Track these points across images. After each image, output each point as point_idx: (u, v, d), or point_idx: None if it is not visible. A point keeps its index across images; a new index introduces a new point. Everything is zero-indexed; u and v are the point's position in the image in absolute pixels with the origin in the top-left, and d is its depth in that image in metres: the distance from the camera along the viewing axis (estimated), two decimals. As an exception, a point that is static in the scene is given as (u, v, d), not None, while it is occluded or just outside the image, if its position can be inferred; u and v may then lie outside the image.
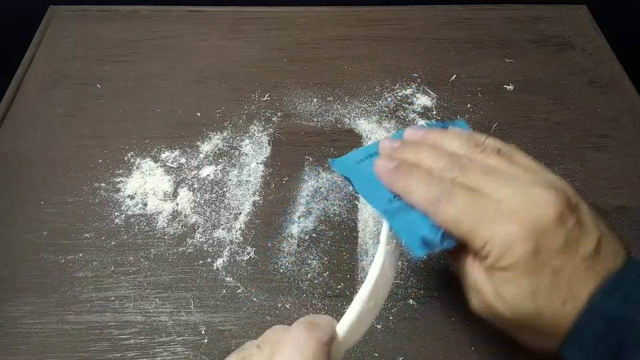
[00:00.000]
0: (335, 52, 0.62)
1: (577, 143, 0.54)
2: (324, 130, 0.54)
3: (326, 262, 0.44)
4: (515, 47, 0.63)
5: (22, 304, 0.42)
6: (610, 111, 0.57)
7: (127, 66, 0.60)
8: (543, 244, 0.28)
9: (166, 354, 0.39)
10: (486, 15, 0.67)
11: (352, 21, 0.66)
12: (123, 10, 0.67)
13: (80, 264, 0.44)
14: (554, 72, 0.61)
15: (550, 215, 0.28)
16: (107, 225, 0.46)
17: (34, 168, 0.51)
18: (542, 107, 0.57)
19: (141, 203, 0.48)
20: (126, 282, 0.43)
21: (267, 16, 0.67)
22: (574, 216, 0.29)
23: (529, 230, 0.28)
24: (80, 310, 0.41)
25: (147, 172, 0.50)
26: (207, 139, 0.53)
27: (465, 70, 0.60)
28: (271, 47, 0.63)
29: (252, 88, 0.58)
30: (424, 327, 0.41)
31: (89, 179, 0.50)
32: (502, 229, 0.28)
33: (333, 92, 0.58)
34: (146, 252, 0.45)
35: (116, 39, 0.63)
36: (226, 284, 0.43)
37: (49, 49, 0.62)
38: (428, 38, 0.64)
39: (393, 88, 0.58)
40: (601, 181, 0.51)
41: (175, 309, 0.42)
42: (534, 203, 0.29)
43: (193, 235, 0.46)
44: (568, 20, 0.67)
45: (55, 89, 0.58)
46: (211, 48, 0.63)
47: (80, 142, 0.53)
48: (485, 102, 0.57)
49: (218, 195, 0.49)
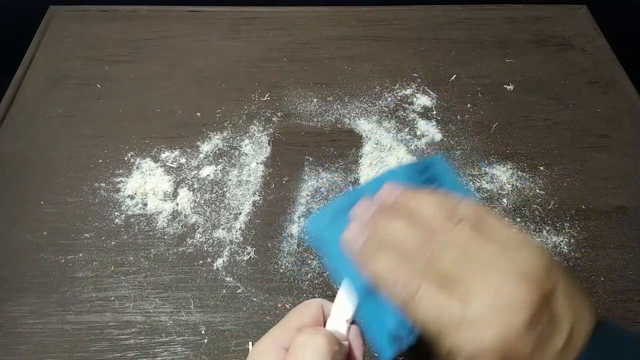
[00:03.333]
0: (335, 52, 0.62)
1: (577, 143, 0.54)
2: (324, 130, 0.54)
3: (326, 262, 0.44)
4: (515, 47, 0.63)
5: (22, 304, 0.42)
6: (610, 111, 0.57)
7: (127, 66, 0.60)
8: (511, 353, 0.27)
9: (166, 354, 0.39)
10: (486, 15, 0.67)
11: (352, 21, 0.66)
12: (123, 10, 0.67)
13: (80, 264, 0.44)
14: (554, 72, 0.61)
15: (520, 321, 0.27)
16: (107, 225, 0.46)
17: (34, 168, 0.51)
18: (542, 107, 0.57)
19: (141, 203, 0.48)
20: (126, 282, 0.43)
21: (267, 16, 0.67)
22: (547, 314, 0.28)
23: (496, 342, 0.27)
24: (80, 310, 0.41)
25: (147, 172, 0.50)
26: (207, 139, 0.53)
27: (465, 70, 0.60)
28: (271, 47, 0.63)
29: (252, 88, 0.58)
30: (424, 327, 0.41)
31: (89, 179, 0.50)
32: (467, 340, 0.27)
33: (333, 92, 0.58)
34: (146, 252, 0.45)
35: (116, 39, 0.63)
36: (226, 284, 0.43)
37: (49, 49, 0.62)
38: (428, 38, 0.64)
39: (393, 88, 0.58)
40: (601, 181, 0.51)
41: (175, 309, 0.42)
42: (504, 304, 0.27)
43: (193, 235, 0.46)
44: (568, 20, 0.67)
45: (55, 89, 0.58)
46: (211, 48, 0.63)
47: (80, 142, 0.53)
48: (485, 102, 0.57)
49: (218, 195, 0.49)
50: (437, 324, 0.28)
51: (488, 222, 0.31)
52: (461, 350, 0.27)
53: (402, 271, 0.30)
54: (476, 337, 0.27)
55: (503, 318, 0.27)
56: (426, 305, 0.28)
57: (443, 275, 0.29)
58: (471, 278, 0.29)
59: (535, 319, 0.27)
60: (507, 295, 0.28)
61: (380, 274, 0.30)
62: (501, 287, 0.28)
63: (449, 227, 0.31)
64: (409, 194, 0.34)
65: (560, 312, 0.28)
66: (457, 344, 0.28)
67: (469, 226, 0.31)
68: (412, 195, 0.34)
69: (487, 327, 0.27)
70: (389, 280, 0.30)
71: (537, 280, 0.28)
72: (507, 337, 0.27)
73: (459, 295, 0.28)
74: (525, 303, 0.27)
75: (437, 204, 0.32)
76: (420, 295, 0.29)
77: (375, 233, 0.32)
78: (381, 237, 0.31)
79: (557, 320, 0.28)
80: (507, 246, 0.30)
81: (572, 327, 0.28)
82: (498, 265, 0.29)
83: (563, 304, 0.29)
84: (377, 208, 0.34)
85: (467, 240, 0.30)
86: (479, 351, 0.27)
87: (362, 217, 0.33)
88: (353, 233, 0.32)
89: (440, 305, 0.28)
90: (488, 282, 0.28)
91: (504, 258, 0.29)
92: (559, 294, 0.29)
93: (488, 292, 0.28)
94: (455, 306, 0.28)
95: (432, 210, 0.32)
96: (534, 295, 0.28)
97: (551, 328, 0.28)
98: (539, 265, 0.29)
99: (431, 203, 0.32)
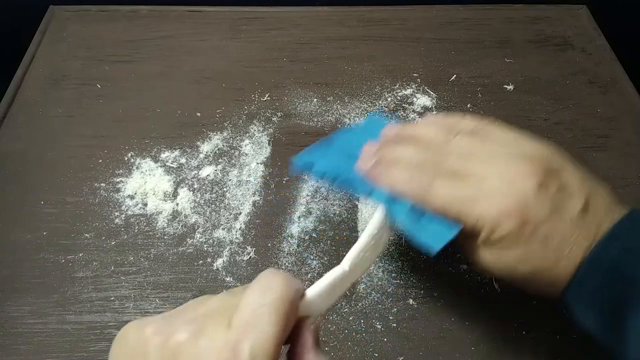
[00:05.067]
0: (335, 52, 0.62)
1: (577, 143, 0.54)
2: (324, 130, 0.54)
3: (326, 262, 0.44)
4: (515, 47, 0.63)
5: (22, 304, 0.42)
6: (610, 111, 0.57)
7: (127, 66, 0.60)
8: (529, 216, 0.29)
9: (166, 354, 0.39)
10: (486, 15, 0.67)
11: (352, 21, 0.66)
12: (123, 10, 0.67)
13: (80, 264, 0.44)
14: (554, 72, 0.61)
15: (530, 187, 0.29)
16: (107, 225, 0.46)
17: (34, 168, 0.51)
18: (542, 107, 0.57)
19: (141, 203, 0.48)
20: (126, 282, 0.43)
21: (267, 16, 0.67)
22: (556, 182, 0.30)
23: (513, 205, 0.29)
24: (80, 310, 0.41)
25: (147, 172, 0.50)
26: (207, 139, 0.53)
27: (465, 70, 0.60)
28: (271, 47, 0.63)
29: (252, 88, 0.58)
30: (424, 327, 0.41)
31: (89, 179, 0.50)
32: (487, 209, 0.30)
33: (333, 92, 0.58)
34: (146, 252, 0.45)
35: (116, 39, 0.63)
36: (226, 284, 0.43)
37: (49, 49, 0.62)
38: (428, 38, 0.64)
39: (393, 88, 0.58)
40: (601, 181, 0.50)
41: (175, 309, 0.42)
42: (512, 179, 0.30)
43: (193, 235, 0.46)
44: (568, 20, 0.67)
45: (55, 89, 0.58)
46: (211, 48, 0.63)
47: (80, 142, 0.53)
48: (485, 102, 0.57)
49: (218, 195, 0.49)
50: (456, 205, 0.31)
51: (488, 130, 0.34)
52: (484, 219, 0.30)
53: (415, 170, 0.33)
54: (494, 204, 0.30)
55: (513, 187, 0.30)
56: (442, 193, 0.31)
57: (451, 165, 0.32)
58: (478, 167, 0.31)
59: (544, 186, 0.30)
60: (512, 169, 0.30)
61: (396, 180, 0.33)
62: (507, 165, 0.31)
63: (451, 137, 0.34)
64: (409, 126, 0.37)
65: (570, 183, 0.31)
66: (479, 213, 0.30)
67: (469, 135, 0.34)
68: (413, 125, 0.37)
69: (502, 197, 0.30)
70: (405, 180, 0.32)
71: (540, 159, 0.31)
72: (521, 201, 0.29)
73: (469, 179, 0.31)
74: (531, 172, 0.30)
75: (436, 125, 0.36)
76: (435, 185, 0.31)
77: (384, 157, 0.35)
78: (391, 158, 0.34)
79: (568, 188, 0.30)
80: (509, 142, 0.33)
81: (588, 196, 0.30)
82: (501, 155, 0.32)
83: (572, 178, 0.31)
84: (382, 142, 0.37)
85: (469, 144, 0.33)
86: (499, 219, 0.29)
87: (370, 150, 0.36)
88: (365, 158, 0.35)
89: (455, 187, 0.31)
90: (494, 166, 0.31)
91: (506, 150, 0.32)
92: (567, 172, 0.31)
93: (496, 172, 0.31)
94: (469, 186, 0.31)
95: (433, 132, 0.35)
96: (538, 167, 0.30)
97: (563, 195, 0.30)
98: (542, 149, 0.32)
99: (431, 125, 0.36)
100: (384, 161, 0.34)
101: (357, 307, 0.42)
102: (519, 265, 0.30)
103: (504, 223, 0.29)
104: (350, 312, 0.41)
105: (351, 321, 0.41)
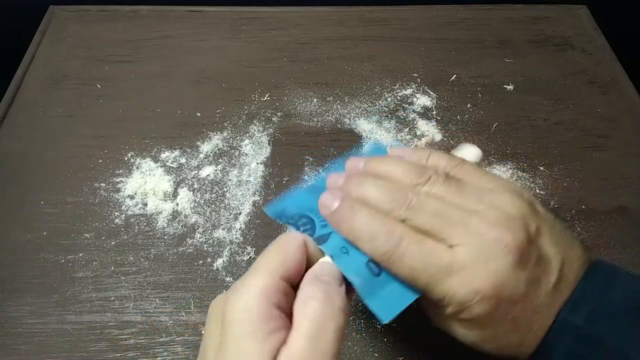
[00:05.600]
0: (335, 52, 0.62)
1: (577, 143, 0.54)
2: (324, 130, 0.54)
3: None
4: (515, 47, 0.63)
5: (22, 304, 0.42)
6: (610, 111, 0.57)
7: (127, 66, 0.60)
8: (504, 297, 0.26)
9: (166, 354, 0.39)
10: (486, 15, 0.67)
11: (352, 21, 0.66)
12: (123, 10, 0.67)
13: (80, 264, 0.44)
14: (554, 72, 0.61)
15: (508, 264, 0.26)
16: (107, 225, 0.46)
17: (34, 168, 0.51)
18: (542, 107, 0.57)
19: (141, 203, 0.48)
20: (126, 282, 0.43)
21: (267, 16, 0.67)
22: (534, 253, 0.27)
23: (489, 287, 0.26)
24: (80, 310, 0.41)
25: (147, 172, 0.50)
26: (207, 139, 0.53)
27: (465, 70, 0.60)
28: (271, 47, 0.63)
29: (252, 88, 0.58)
30: (424, 327, 0.41)
31: (89, 179, 0.50)
32: (460, 286, 0.26)
33: (333, 92, 0.58)
34: (146, 252, 0.45)
35: (116, 39, 0.63)
36: (226, 284, 0.43)
37: (49, 49, 0.62)
38: (428, 38, 0.64)
39: (393, 88, 0.58)
40: (601, 181, 0.51)
41: (175, 309, 0.42)
42: (489, 253, 0.26)
43: (193, 235, 0.46)
44: (568, 20, 0.67)
45: (55, 89, 0.58)
46: (211, 48, 0.63)
47: (80, 142, 0.53)
48: (485, 102, 0.57)
49: (218, 195, 0.49)
50: (426, 272, 0.27)
51: (462, 175, 0.31)
52: (454, 295, 0.27)
53: (382, 223, 0.28)
54: (466, 281, 0.26)
55: (491, 265, 0.26)
56: (411, 255, 0.27)
57: (423, 224, 0.28)
58: (453, 231, 0.27)
59: (523, 260, 0.27)
60: (491, 241, 0.27)
61: (360, 228, 0.28)
62: (484, 231, 0.27)
63: (422, 182, 0.30)
64: (375, 160, 0.33)
65: (548, 250, 0.28)
66: (449, 288, 0.27)
67: (443, 181, 0.30)
68: (379, 160, 0.33)
69: (477, 275, 0.26)
70: (370, 234, 0.28)
71: (520, 221, 0.28)
72: (496, 281, 0.26)
73: (442, 244, 0.27)
74: (512, 245, 0.26)
75: (406, 166, 0.31)
76: (404, 244, 0.27)
77: (349, 195, 0.30)
78: (356, 197, 0.30)
79: (545, 259, 0.28)
80: (486, 190, 0.29)
81: (562, 263, 0.28)
82: (478, 210, 0.28)
83: (550, 242, 0.28)
84: (347, 177, 0.32)
85: (443, 195, 0.29)
86: (472, 294, 0.26)
87: (334, 186, 0.32)
88: (328, 198, 0.30)
89: (426, 251, 0.27)
90: (470, 228, 0.27)
91: (484, 208, 0.28)
92: (545, 233, 0.28)
93: (472, 238, 0.27)
94: (442, 251, 0.27)
95: (402, 172, 0.31)
96: (519, 236, 0.27)
97: (541, 267, 0.27)
98: (521, 205, 0.28)
99: (400, 166, 0.31)
100: (349, 200, 0.30)
101: (357, 307, 0.42)
102: (484, 344, 0.29)
103: (476, 305, 0.26)
104: (350, 312, 0.41)
105: (351, 321, 0.41)
